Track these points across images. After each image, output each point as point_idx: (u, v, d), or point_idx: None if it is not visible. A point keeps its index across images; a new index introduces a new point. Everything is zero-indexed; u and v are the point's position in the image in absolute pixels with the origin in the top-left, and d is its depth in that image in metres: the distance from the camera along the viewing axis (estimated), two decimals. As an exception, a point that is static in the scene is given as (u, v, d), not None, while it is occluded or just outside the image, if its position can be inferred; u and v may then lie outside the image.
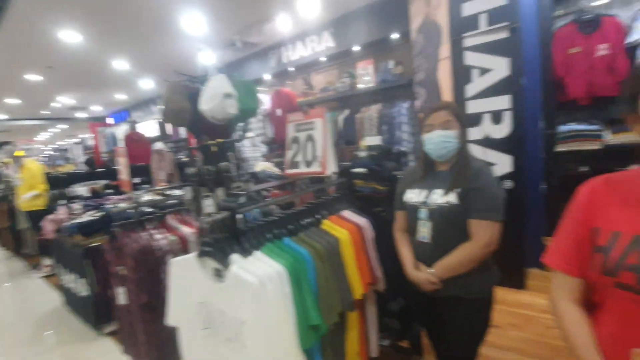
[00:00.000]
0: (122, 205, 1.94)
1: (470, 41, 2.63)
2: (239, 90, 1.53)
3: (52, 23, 3.66)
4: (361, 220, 1.54)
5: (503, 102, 2.54)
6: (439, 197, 1.31)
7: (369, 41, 3.94)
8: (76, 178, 4.66)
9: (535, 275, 2.87)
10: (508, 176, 2.59)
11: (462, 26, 2.65)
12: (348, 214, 1.56)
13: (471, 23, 2.60)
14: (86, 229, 2.71)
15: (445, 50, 2.82)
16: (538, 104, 2.81)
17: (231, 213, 1.12)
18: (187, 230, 1.74)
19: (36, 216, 3.87)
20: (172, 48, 4.62)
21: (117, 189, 4.16)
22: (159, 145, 4.17)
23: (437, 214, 1.30)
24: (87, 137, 10.92)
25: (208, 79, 1.39)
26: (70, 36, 4.02)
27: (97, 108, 9.33)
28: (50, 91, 7.04)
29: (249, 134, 4.64)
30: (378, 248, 1.57)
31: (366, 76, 3.97)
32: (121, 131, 7.55)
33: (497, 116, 2.58)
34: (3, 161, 5.70)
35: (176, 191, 2.61)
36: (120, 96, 7.92)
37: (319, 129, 1.42)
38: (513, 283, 2.70)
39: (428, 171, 1.41)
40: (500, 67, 2.52)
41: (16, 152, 4.37)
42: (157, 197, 2.73)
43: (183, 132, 5.02)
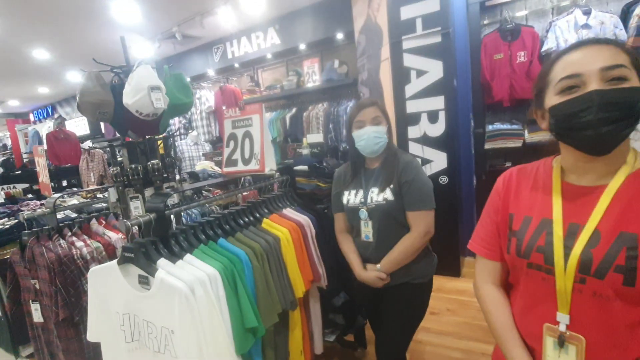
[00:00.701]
0: (38, 210, 1.72)
1: (408, 44, 2.76)
2: (170, 83, 1.43)
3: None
4: (303, 217, 1.53)
5: (438, 103, 2.70)
6: (376, 196, 1.35)
7: (315, 40, 3.96)
8: (-13, 182, 4.07)
9: (469, 263, 3.10)
10: (443, 172, 2.77)
11: (401, 29, 2.77)
12: (289, 212, 1.54)
13: (409, 26, 2.73)
14: (-5, 240, 2.37)
15: (385, 51, 2.92)
16: (469, 105, 3.05)
17: (158, 215, 1.04)
18: (114, 236, 1.59)
19: None
20: (102, 38, 4.22)
21: (40, 194, 3.71)
22: (88, 144, 3.78)
23: (377, 213, 1.34)
24: (4, 136, 9.60)
25: (132, 70, 1.28)
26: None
27: (15, 103, 8.24)
28: (-49, 82, 6.06)
29: (192, 132, 4.42)
30: (321, 245, 1.57)
31: (312, 75, 3.98)
32: (46, 129, 6.75)
33: (433, 116, 2.73)
34: None
35: (107, 194, 2.39)
36: (43, 90, 7.06)
37: (257, 126, 1.38)
38: (449, 271, 2.90)
39: (359, 170, 1.43)
40: (435, 70, 2.67)
41: None
42: (84, 201, 2.48)
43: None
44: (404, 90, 2.82)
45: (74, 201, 2.65)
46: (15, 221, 2.54)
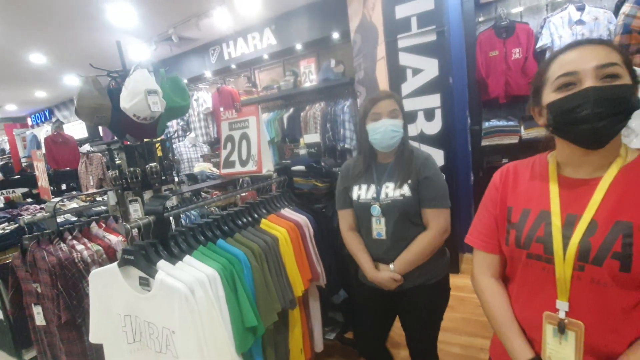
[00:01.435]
0: (39, 214, 1.73)
1: (403, 42, 2.77)
2: (166, 86, 1.44)
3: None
4: (300, 217, 1.54)
5: (434, 101, 2.71)
6: (392, 191, 1.27)
7: (311, 40, 3.97)
8: (-14, 187, 4.08)
9: (468, 259, 3.12)
10: (441, 169, 2.77)
11: (396, 28, 2.78)
12: (287, 212, 1.56)
13: (404, 25, 2.74)
14: (-4, 244, 2.39)
15: (381, 50, 2.93)
16: (465, 102, 3.06)
17: (157, 217, 1.06)
18: (114, 238, 1.61)
19: None
20: (99, 41, 4.22)
21: (39, 198, 3.72)
22: (87, 147, 3.79)
23: (392, 209, 1.27)
24: (2, 141, 9.59)
25: (129, 75, 1.29)
26: (-30, 24, 3.49)
27: (12, 107, 8.23)
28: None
29: (190, 134, 4.42)
30: (319, 243, 1.58)
31: (309, 74, 3.99)
32: (44, 133, 6.76)
33: (430, 113, 2.75)
34: None
35: (106, 197, 2.40)
36: (40, 94, 7.06)
37: (253, 127, 1.40)
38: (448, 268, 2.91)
39: (371, 164, 1.35)
40: (430, 68, 2.68)
41: None
42: (84, 204, 2.49)
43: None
44: (400, 88, 2.84)
45: (74, 205, 2.67)
46: (15, 225, 2.56)
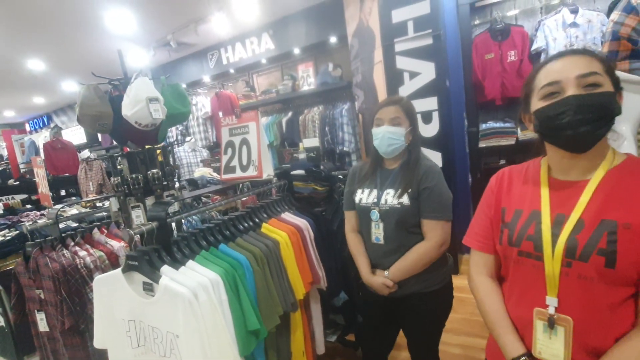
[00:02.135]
0: (41, 221, 1.75)
1: (400, 46, 2.80)
2: (167, 93, 1.46)
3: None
4: (301, 221, 1.56)
5: (431, 103, 2.74)
6: (391, 198, 1.29)
7: (309, 44, 4.00)
8: (-15, 194, 4.08)
9: (467, 260, 3.14)
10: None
11: (393, 32, 2.81)
12: (288, 216, 1.58)
13: (400, 29, 2.77)
14: (-3, 251, 2.39)
15: (378, 54, 2.96)
16: (462, 105, 3.09)
17: (159, 223, 1.07)
18: (117, 244, 1.62)
19: None
20: (98, 47, 4.25)
21: (38, 204, 3.73)
22: (87, 153, 3.80)
23: (390, 215, 1.28)
24: (0, 147, 9.60)
25: (130, 82, 1.31)
26: (-31, 32, 3.51)
27: (10, 113, 8.24)
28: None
29: (189, 139, 4.44)
30: (319, 246, 1.60)
31: (307, 78, 4.02)
32: (42, 139, 6.76)
33: (427, 116, 2.78)
34: None
35: (107, 203, 2.41)
36: (38, 100, 7.07)
37: (253, 133, 1.42)
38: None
39: (377, 168, 1.37)
40: (427, 71, 2.72)
41: None
42: (84, 211, 2.50)
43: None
44: (398, 91, 2.87)
45: (74, 211, 2.68)
46: (16, 232, 2.56)
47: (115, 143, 1.49)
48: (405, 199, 1.26)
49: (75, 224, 2.42)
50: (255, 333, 1.14)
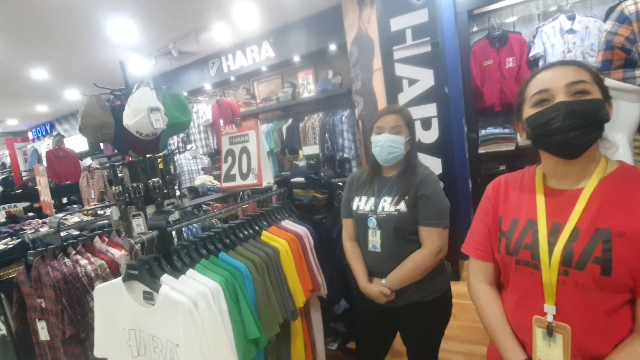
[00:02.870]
0: (42, 230, 1.76)
1: (399, 54, 2.83)
2: (168, 103, 1.48)
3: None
4: (301, 228, 1.56)
5: (431, 110, 2.76)
6: (389, 205, 1.29)
7: (309, 52, 4.04)
8: (-12, 202, 4.10)
9: (467, 266, 3.13)
10: (439, 177, 2.80)
11: (391, 40, 2.84)
12: (288, 224, 1.58)
13: (399, 37, 2.80)
14: (-1, 260, 2.40)
15: (377, 61, 2.99)
16: (461, 111, 3.11)
17: (160, 231, 1.08)
18: (118, 253, 1.63)
19: None
20: (100, 57, 4.30)
21: (41, 212, 3.74)
22: (88, 161, 3.83)
23: (387, 223, 1.28)
24: (3, 155, 9.66)
25: (131, 93, 1.33)
26: (-26, 43, 3.56)
27: (13, 122, 8.31)
28: (-49, 104, 6.13)
29: (190, 146, 4.47)
30: (320, 254, 1.60)
31: (307, 85, 4.05)
32: (45, 147, 6.81)
33: (427, 123, 2.79)
34: None
35: (108, 211, 2.42)
36: (41, 108, 7.14)
37: (253, 141, 1.43)
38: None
39: (374, 176, 1.38)
40: (426, 78, 2.74)
41: None
42: (86, 219, 2.51)
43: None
44: (397, 98, 2.89)
45: (76, 219, 2.69)
46: (18, 241, 2.57)
47: (116, 151, 1.50)
48: (402, 206, 1.27)
49: (76, 232, 2.43)
50: (255, 342, 1.14)
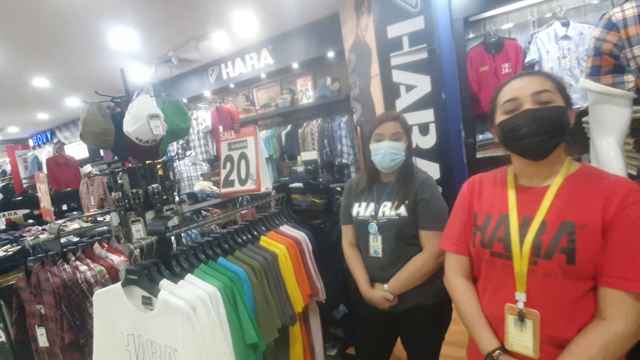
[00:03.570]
0: (42, 236, 1.77)
1: (396, 61, 2.86)
2: (167, 110, 1.50)
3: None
4: (299, 233, 1.57)
5: (428, 115, 2.78)
6: (389, 210, 1.30)
7: (307, 59, 4.09)
8: (-12, 209, 4.11)
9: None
10: (437, 182, 2.81)
11: (389, 47, 2.88)
12: (286, 229, 1.59)
13: (396, 44, 2.84)
14: (-1, 267, 2.40)
15: (375, 68, 3.03)
16: (459, 117, 3.13)
17: (159, 237, 1.09)
18: (117, 259, 1.63)
19: None
20: (101, 65, 4.35)
21: (41, 219, 3.75)
22: (88, 168, 3.84)
23: (388, 227, 1.29)
24: (3, 162, 9.69)
25: (132, 100, 1.35)
26: (-24, 52, 3.60)
27: (14, 129, 8.35)
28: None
29: (189, 152, 4.49)
30: (318, 259, 1.61)
31: (306, 92, 4.09)
32: (45, 154, 6.83)
33: (424, 128, 2.81)
34: None
35: (108, 217, 2.43)
36: (42, 116, 7.18)
37: (251, 147, 1.45)
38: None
39: (373, 182, 1.39)
40: (423, 84, 2.77)
41: None
42: (86, 225, 2.52)
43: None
44: (395, 104, 2.91)
45: (75, 225, 2.70)
46: (18, 247, 2.58)
47: (115, 157, 1.52)
48: (402, 211, 1.28)
49: (76, 239, 2.44)
50: (253, 347, 1.15)
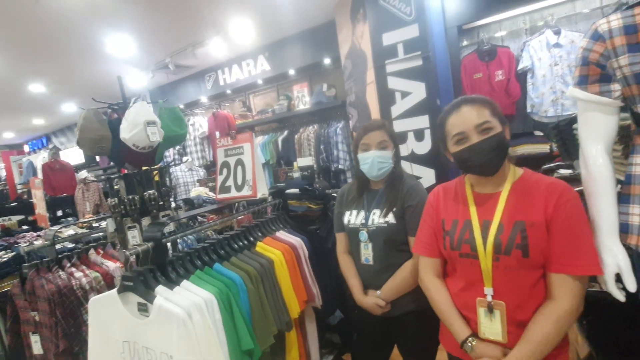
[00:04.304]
0: (37, 242, 1.76)
1: (391, 67, 2.90)
2: (164, 116, 1.51)
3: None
4: (295, 239, 1.58)
5: (423, 122, 2.81)
6: (377, 218, 1.33)
7: (303, 65, 4.12)
8: (-19, 215, 4.07)
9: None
10: (433, 187, 2.85)
11: (384, 54, 2.92)
12: (282, 234, 1.60)
13: (391, 51, 2.88)
14: (-8, 274, 2.38)
15: (370, 75, 3.06)
16: (453, 122, 3.16)
17: (155, 243, 1.10)
18: (113, 265, 1.63)
19: None
20: (98, 70, 4.35)
21: (35, 225, 3.72)
22: (84, 173, 3.83)
23: (377, 235, 1.32)
24: (-2, 168, 9.62)
25: (128, 107, 1.36)
26: (-28, 58, 3.60)
27: (9, 135, 8.30)
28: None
29: (185, 158, 4.49)
30: (314, 264, 1.62)
31: (302, 98, 4.12)
32: (40, 160, 6.80)
33: (419, 134, 2.84)
34: None
35: (103, 223, 2.43)
36: (38, 121, 7.15)
37: (248, 153, 1.46)
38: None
39: (363, 190, 1.42)
40: (418, 91, 2.80)
41: None
42: (82, 231, 2.51)
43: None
44: (390, 110, 2.94)
45: (70, 231, 2.68)
46: (12, 254, 2.56)
47: (111, 163, 1.52)
48: (390, 218, 1.31)
49: (71, 245, 2.43)
50: (249, 353, 1.15)
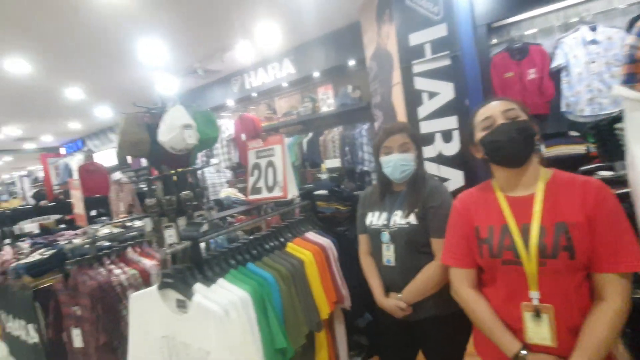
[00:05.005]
0: (77, 241, 1.85)
1: (418, 68, 2.86)
2: (198, 120, 1.56)
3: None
4: (325, 240, 1.59)
5: (451, 122, 2.75)
6: (399, 219, 1.32)
7: (328, 67, 4.14)
8: (23, 214, 4.31)
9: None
10: (461, 189, 2.78)
11: (410, 54, 2.88)
12: (312, 235, 1.61)
13: (418, 52, 2.84)
14: (35, 270, 2.51)
15: (397, 76, 3.03)
16: (482, 123, 3.08)
17: (192, 242, 1.13)
18: (149, 263, 1.69)
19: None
20: (131, 76, 4.55)
21: (72, 224, 3.92)
22: (118, 175, 4.00)
23: (399, 236, 1.31)
24: (36, 169, 10.20)
25: (166, 111, 1.41)
26: (17, 65, 3.84)
27: (48, 138, 8.80)
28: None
29: (213, 160, 4.61)
30: (343, 266, 1.61)
31: (327, 100, 4.13)
32: (76, 162, 7.15)
33: (447, 135, 2.79)
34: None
35: (137, 222, 2.52)
36: (74, 125, 7.55)
37: (279, 155, 1.48)
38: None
39: (385, 192, 1.43)
40: (446, 91, 2.75)
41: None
42: (116, 230, 2.62)
43: (144, 161, 4.86)
44: (417, 111, 2.90)
45: (106, 230, 2.80)
46: (52, 251, 2.70)
47: (142, 165, 1.59)
48: (412, 219, 1.30)
49: (107, 243, 2.54)
50: (282, 351, 1.16)
